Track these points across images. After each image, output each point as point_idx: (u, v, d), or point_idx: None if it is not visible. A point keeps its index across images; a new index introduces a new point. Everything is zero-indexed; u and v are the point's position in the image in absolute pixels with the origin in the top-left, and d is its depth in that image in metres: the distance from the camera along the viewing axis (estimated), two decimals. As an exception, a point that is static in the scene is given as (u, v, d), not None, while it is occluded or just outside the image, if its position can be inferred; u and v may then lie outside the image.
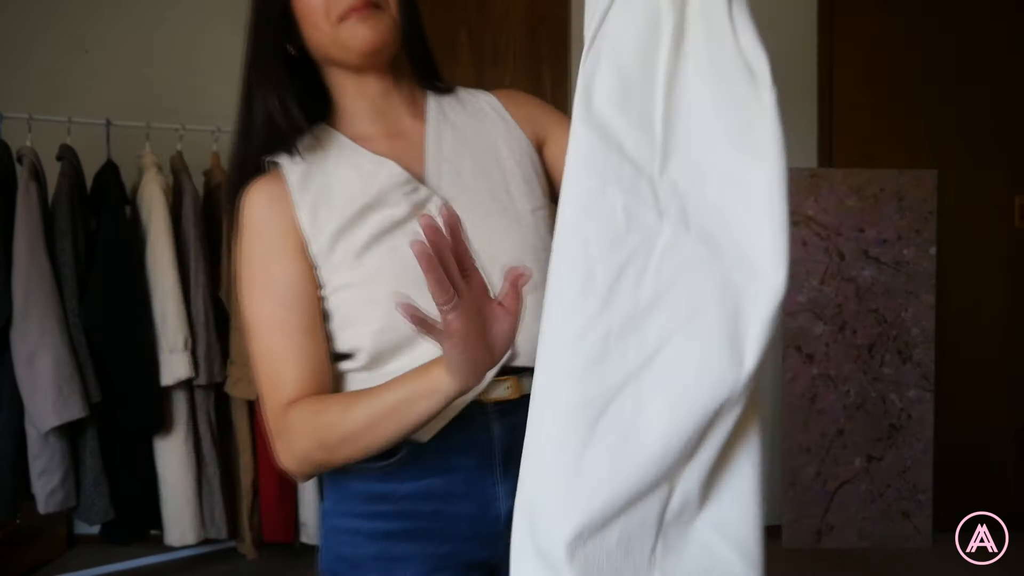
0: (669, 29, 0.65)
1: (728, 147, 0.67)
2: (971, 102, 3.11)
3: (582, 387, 0.63)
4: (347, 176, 0.84)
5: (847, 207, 3.01)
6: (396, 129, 0.89)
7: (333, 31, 0.81)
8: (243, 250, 0.85)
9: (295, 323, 0.81)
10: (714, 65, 0.66)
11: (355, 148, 0.86)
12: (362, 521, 0.84)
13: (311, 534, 2.57)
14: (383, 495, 0.82)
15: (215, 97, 2.98)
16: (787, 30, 3.08)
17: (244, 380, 2.37)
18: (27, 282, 2.09)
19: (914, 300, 3.01)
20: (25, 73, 2.93)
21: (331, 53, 0.84)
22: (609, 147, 0.66)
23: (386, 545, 0.82)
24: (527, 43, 3.07)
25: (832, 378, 3.01)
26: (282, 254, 0.82)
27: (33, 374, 2.08)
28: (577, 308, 0.64)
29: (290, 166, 0.85)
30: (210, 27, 2.98)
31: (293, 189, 0.84)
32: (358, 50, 0.82)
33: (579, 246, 0.64)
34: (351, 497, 0.85)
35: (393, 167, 0.84)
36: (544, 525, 0.64)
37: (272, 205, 0.84)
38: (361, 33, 0.80)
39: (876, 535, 3.02)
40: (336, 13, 0.80)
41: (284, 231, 0.83)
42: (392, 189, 0.83)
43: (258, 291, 0.83)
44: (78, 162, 2.29)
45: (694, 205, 0.67)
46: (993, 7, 3.10)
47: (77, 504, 2.24)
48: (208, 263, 2.39)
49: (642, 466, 0.64)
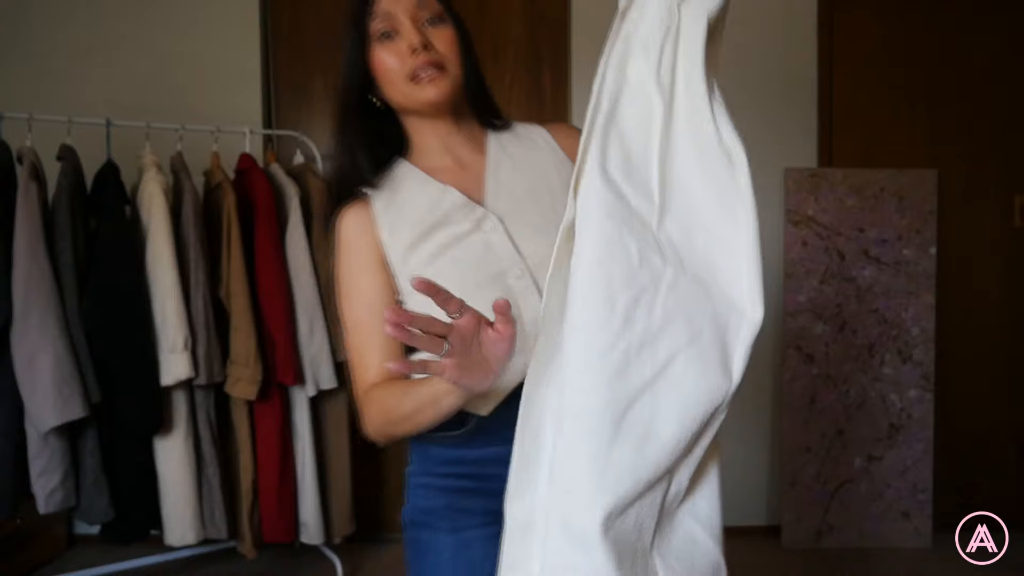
0: (659, 122, 0.85)
1: (712, 213, 0.86)
2: (971, 102, 3.11)
3: (609, 393, 0.79)
4: (418, 201, 1.04)
5: (847, 207, 3.01)
6: (461, 161, 1.08)
7: (406, 89, 1.02)
8: (339, 264, 1.05)
9: (378, 325, 0.99)
10: (699, 150, 0.86)
11: (425, 178, 1.06)
12: (438, 479, 1.05)
13: (311, 534, 2.57)
14: (456, 459, 1.03)
15: (215, 97, 2.99)
16: (787, 30, 3.08)
17: (244, 380, 2.37)
18: (27, 282, 2.09)
19: (914, 300, 3.01)
20: (25, 73, 2.93)
21: (404, 105, 1.05)
22: (622, 203, 0.83)
23: (454, 498, 1.03)
24: (527, 43, 3.07)
25: (832, 378, 3.01)
26: (368, 267, 1.03)
27: (33, 374, 2.08)
28: (603, 328, 0.80)
29: (376, 194, 1.05)
30: (210, 27, 2.99)
31: (377, 213, 1.04)
32: (425, 104, 1.02)
33: (603, 278, 0.81)
34: (430, 460, 1.06)
35: (455, 193, 1.04)
36: (577, 509, 0.78)
37: (360, 227, 1.04)
38: (427, 92, 1.01)
39: (876, 535, 3.02)
40: (407, 75, 1.01)
41: (370, 248, 1.03)
42: (454, 211, 1.02)
43: (351, 300, 1.04)
44: (78, 162, 2.29)
45: (686, 255, 0.85)
46: (993, 7, 3.10)
47: (77, 504, 2.23)
48: (208, 263, 2.39)
49: (657, 459, 0.81)
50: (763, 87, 3.06)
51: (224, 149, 2.65)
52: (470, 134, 1.10)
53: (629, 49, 0.88)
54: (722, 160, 0.87)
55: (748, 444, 3.12)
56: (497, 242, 1.01)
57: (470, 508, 1.02)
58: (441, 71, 1.01)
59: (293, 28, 3.05)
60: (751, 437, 3.12)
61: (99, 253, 2.22)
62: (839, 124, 3.10)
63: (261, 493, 2.49)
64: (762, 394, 3.11)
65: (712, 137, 0.87)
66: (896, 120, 3.10)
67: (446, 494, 1.04)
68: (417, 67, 1.00)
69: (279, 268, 2.45)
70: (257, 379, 2.37)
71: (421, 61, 1.00)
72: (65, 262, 2.17)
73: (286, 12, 3.05)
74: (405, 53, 1.00)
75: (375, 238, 1.03)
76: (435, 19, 1.02)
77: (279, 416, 2.49)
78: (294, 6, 3.05)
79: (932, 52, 3.10)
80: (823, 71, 3.08)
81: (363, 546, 3.04)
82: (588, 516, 0.77)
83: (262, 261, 2.43)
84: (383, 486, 3.11)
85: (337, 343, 2.58)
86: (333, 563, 2.77)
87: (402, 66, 1.01)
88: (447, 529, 1.03)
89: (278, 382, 2.46)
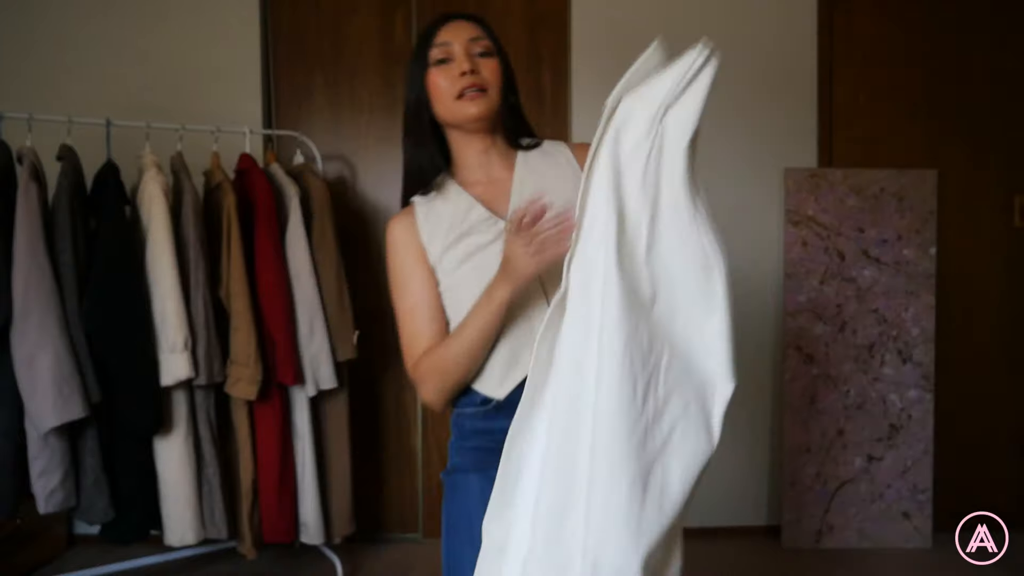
0: (645, 228, 1.03)
1: (690, 301, 1.05)
2: (971, 102, 3.11)
3: (636, 464, 1.00)
4: (451, 212, 1.26)
5: (847, 207, 3.01)
6: (491, 176, 1.29)
7: (452, 105, 1.23)
8: (391, 262, 1.29)
9: (424, 311, 1.25)
10: (683, 250, 1.03)
11: (460, 191, 1.28)
12: (473, 442, 1.28)
13: (311, 534, 2.57)
14: (484, 430, 1.25)
15: (215, 97, 2.99)
16: (787, 30, 3.08)
17: (244, 380, 2.37)
18: (27, 282, 2.09)
19: (914, 300, 3.01)
20: (25, 73, 2.93)
21: (449, 119, 1.25)
22: (634, 296, 1.02)
23: (487, 456, 1.21)
24: (527, 43, 3.07)
25: (832, 378, 3.01)
26: (414, 264, 1.26)
27: (33, 374, 2.08)
28: (628, 413, 1.00)
29: (420, 203, 1.28)
30: (210, 27, 2.99)
31: (420, 220, 1.27)
32: (467, 118, 1.23)
33: (628, 363, 1.00)
34: (464, 431, 1.29)
35: (480, 208, 1.25)
36: (617, 557, 0.99)
37: (407, 230, 1.27)
38: (469, 108, 1.22)
39: (876, 535, 3.02)
40: (453, 95, 1.22)
41: (415, 249, 1.26)
42: (479, 223, 1.24)
43: (402, 291, 1.27)
44: (78, 162, 2.29)
45: (671, 336, 1.04)
46: (993, 6, 3.10)
47: (77, 504, 2.23)
48: (208, 263, 2.39)
49: (672, 513, 1.03)
50: (763, 87, 3.06)
51: (224, 149, 2.65)
52: (502, 152, 1.30)
53: (618, 159, 1.04)
54: (701, 260, 1.04)
55: (748, 444, 3.12)
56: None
57: (494, 464, 1.18)
58: (483, 93, 1.22)
59: (293, 28, 3.05)
60: (751, 437, 3.12)
61: (99, 253, 2.22)
62: (839, 124, 3.10)
63: (261, 493, 2.49)
64: (762, 394, 3.11)
65: (695, 241, 1.04)
66: (896, 120, 3.10)
67: (475, 454, 1.28)
68: (464, 87, 1.21)
69: (279, 268, 2.45)
70: (257, 379, 2.37)
71: (467, 83, 1.21)
72: (65, 262, 2.17)
73: (286, 12, 3.05)
74: (455, 76, 1.22)
75: (419, 241, 1.26)
76: (485, 52, 1.24)
77: (279, 416, 2.49)
78: (294, 6, 3.05)
79: (932, 52, 3.10)
80: (823, 71, 3.08)
81: (363, 546, 3.04)
82: (631, 561, 0.99)
83: (262, 261, 2.43)
84: (383, 486, 3.11)
85: (337, 343, 2.58)
86: (333, 563, 2.77)
87: (451, 86, 1.22)
88: (476, 471, 1.26)
89: (278, 382, 2.46)
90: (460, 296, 1.22)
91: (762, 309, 3.09)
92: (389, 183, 3.07)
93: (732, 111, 3.06)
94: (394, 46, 3.06)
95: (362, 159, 3.08)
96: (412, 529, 3.13)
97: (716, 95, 1.08)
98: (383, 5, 3.05)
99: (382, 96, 3.06)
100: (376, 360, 3.05)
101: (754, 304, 3.09)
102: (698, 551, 2.96)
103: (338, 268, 2.62)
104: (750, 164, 3.07)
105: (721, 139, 3.07)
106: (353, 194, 3.08)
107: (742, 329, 3.32)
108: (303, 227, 2.53)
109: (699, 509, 3.13)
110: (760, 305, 3.09)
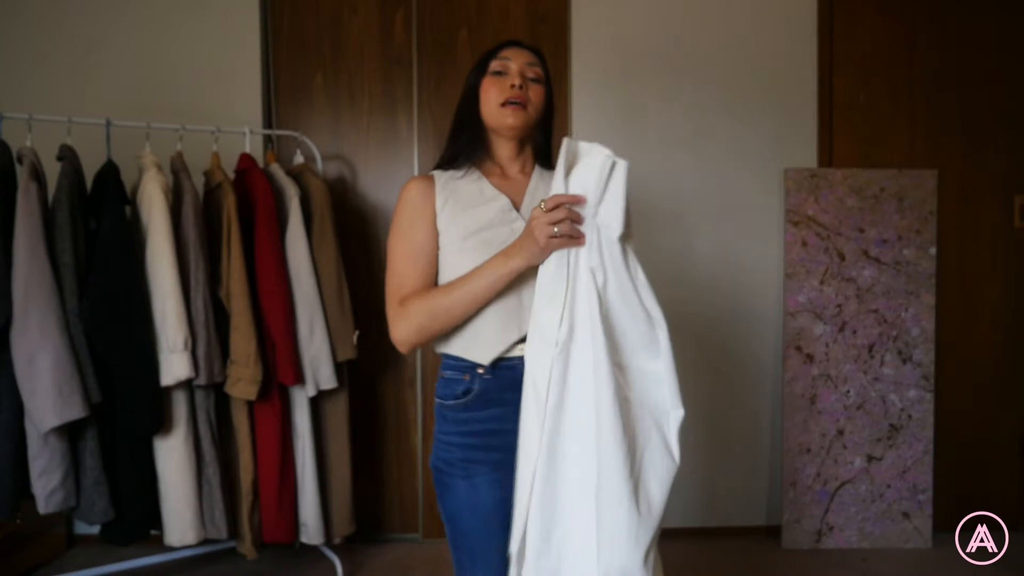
0: (596, 297, 1.28)
1: (642, 346, 1.33)
2: (971, 102, 3.11)
3: (628, 485, 1.26)
4: (472, 190, 1.44)
5: (847, 207, 3.01)
6: (508, 176, 1.49)
7: (496, 111, 1.43)
8: (400, 209, 1.43)
9: (420, 258, 1.40)
10: (627, 308, 1.31)
11: (485, 180, 1.46)
12: (454, 437, 1.41)
13: (311, 534, 2.57)
14: (466, 420, 1.40)
15: (215, 97, 2.99)
16: (787, 30, 3.08)
17: (244, 380, 2.37)
18: (27, 282, 2.09)
19: (914, 300, 3.01)
20: (25, 73, 2.93)
21: (490, 123, 1.45)
22: (610, 344, 1.31)
23: (467, 452, 1.39)
24: (527, 43, 3.06)
25: (832, 378, 3.01)
26: (422, 221, 1.41)
27: (33, 374, 2.08)
28: (624, 439, 1.26)
29: (440, 175, 1.46)
30: (210, 27, 2.99)
31: (438, 187, 1.43)
32: (504, 126, 1.43)
33: (620, 399, 1.28)
34: (448, 422, 1.42)
35: (504, 199, 1.43)
36: (625, 557, 1.25)
37: (425, 191, 1.43)
38: (510, 118, 1.41)
39: (876, 535, 3.02)
40: (499, 102, 1.42)
41: (427, 208, 1.42)
42: (500, 210, 1.42)
43: (401, 238, 1.41)
44: (78, 162, 2.28)
45: (628, 377, 1.33)
46: (993, 7, 3.10)
47: (77, 504, 2.23)
48: (208, 263, 2.39)
49: (657, 517, 1.29)
50: (763, 87, 3.07)
51: (224, 149, 2.65)
52: (525, 161, 1.51)
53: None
54: (645, 317, 1.31)
55: (748, 444, 3.12)
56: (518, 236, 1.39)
57: (478, 459, 1.39)
58: (524, 108, 1.42)
59: (293, 28, 3.05)
60: (751, 437, 3.12)
61: (99, 253, 2.22)
62: (839, 124, 3.10)
63: (261, 493, 2.49)
64: (762, 394, 3.11)
65: (637, 304, 1.31)
66: (896, 120, 3.10)
67: (461, 449, 1.40)
68: (509, 97, 1.41)
69: (279, 268, 2.45)
70: (257, 379, 2.37)
71: (513, 94, 1.41)
72: (65, 262, 2.17)
73: (286, 12, 3.05)
74: (505, 87, 1.42)
75: (433, 203, 1.42)
76: (536, 79, 1.45)
77: (279, 416, 2.49)
78: (294, 6, 3.05)
79: (932, 52, 3.10)
80: (823, 71, 3.08)
81: (363, 546, 3.04)
82: (635, 558, 1.26)
83: (262, 261, 2.43)
84: (383, 486, 3.11)
85: (337, 343, 2.58)
86: (333, 563, 2.77)
87: (499, 95, 1.42)
88: (461, 476, 1.40)
89: (278, 382, 2.46)
90: (459, 260, 1.38)
91: (762, 309, 3.09)
92: (389, 183, 3.07)
93: (732, 111, 3.06)
94: (394, 46, 3.06)
95: (362, 159, 3.08)
96: (412, 529, 3.13)
97: (716, 95, 1.09)
98: (383, 5, 3.05)
99: (382, 96, 3.06)
100: (376, 360, 3.05)
101: (754, 304, 3.09)
102: (698, 551, 2.98)
103: (338, 268, 2.62)
104: (750, 164, 3.08)
105: (721, 139, 3.07)
106: (353, 194, 3.08)
107: (743, 329, 3.31)
108: (303, 227, 2.53)
109: (700, 509, 3.14)
110: (760, 305, 3.09)
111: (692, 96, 3.06)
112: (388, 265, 1.43)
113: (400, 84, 3.06)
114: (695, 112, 3.06)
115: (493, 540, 1.37)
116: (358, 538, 3.02)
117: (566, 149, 1.32)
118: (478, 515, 1.38)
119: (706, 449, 3.12)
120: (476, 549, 1.39)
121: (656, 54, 3.06)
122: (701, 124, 3.07)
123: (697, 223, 3.08)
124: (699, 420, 3.10)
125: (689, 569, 2.83)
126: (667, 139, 3.06)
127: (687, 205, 3.07)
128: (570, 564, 1.27)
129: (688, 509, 3.12)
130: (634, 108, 3.05)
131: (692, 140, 3.06)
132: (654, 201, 3.06)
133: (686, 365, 3.10)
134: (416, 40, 3.05)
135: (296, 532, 2.57)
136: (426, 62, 3.05)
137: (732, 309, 3.08)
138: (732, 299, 3.08)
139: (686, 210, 3.07)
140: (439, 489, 1.44)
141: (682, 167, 3.07)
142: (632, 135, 3.05)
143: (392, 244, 1.43)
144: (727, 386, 3.08)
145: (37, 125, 2.31)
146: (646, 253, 3.03)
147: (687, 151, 3.07)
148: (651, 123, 3.06)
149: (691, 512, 3.13)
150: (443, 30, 3.05)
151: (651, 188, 3.06)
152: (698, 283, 3.06)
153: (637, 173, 3.34)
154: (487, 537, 1.37)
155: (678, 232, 3.07)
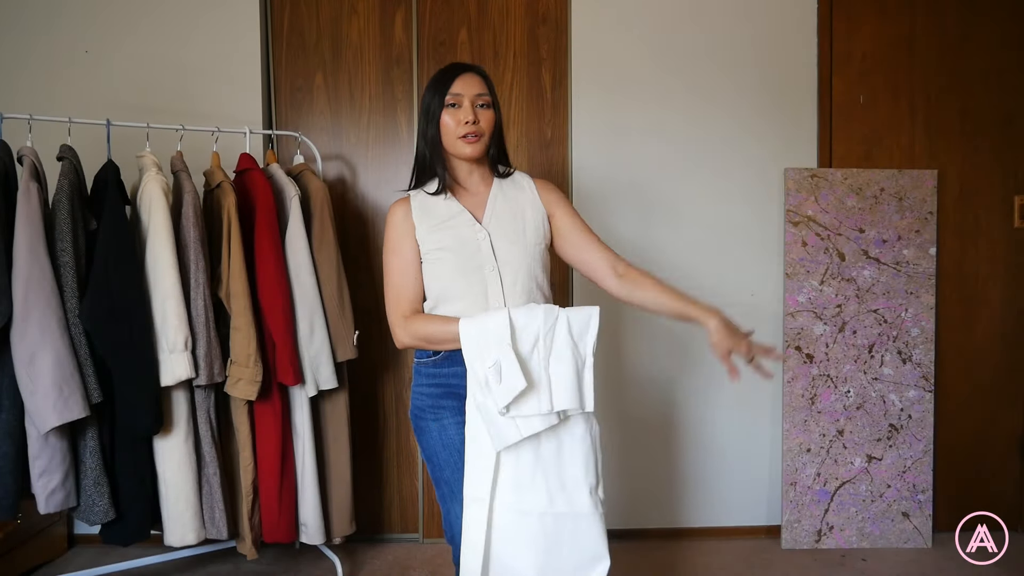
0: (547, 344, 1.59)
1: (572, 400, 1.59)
2: (971, 102, 3.11)
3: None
4: (441, 207, 1.72)
5: (847, 207, 3.01)
6: (471, 191, 1.76)
7: (455, 143, 1.68)
8: (389, 231, 1.72)
9: (410, 271, 1.70)
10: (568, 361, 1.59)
11: (451, 198, 1.73)
12: (425, 388, 1.71)
13: (311, 534, 2.57)
14: (435, 374, 1.69)
15: (215, 97, 2.99)
16: (787, 30, 3.08)
17: (244, 380, 2.37)
18: (27, 282, 2.09)
19: (914, 300, 3.01)
20: (25, 73, 2.93)
21: (450, 150, 1.71)
22: None
23: (436, 400, 1.69)
24: (527, 43, 3.07)
25: (832, 378, 3.02)
26: (407, 237, 1.70)
27: (33, 374, 2.08)
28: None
29: (415, 197, 1.74)
30: (211, 27, 2.99)
31: (415, 208, 1.72)
32: (464, 156, 1.70)
33: None
34: (421, 376, 1.72)
35: (467, 213, 1.71)
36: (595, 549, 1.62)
37: (406, 213, 1.72)
38: (466, 150, 1.68)
39: (876, 535, 3.02)
40: (457, 136, 1.67)
41: (408, 227, 1.70)
42: (463, 223, 1.70)
43: (395, 256, 1.71)
44: (78, 162, 2.28)
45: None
46: (993, 7, 3.10)
47: (77, 504, 2.23)
48: (208, 263, 2.39)
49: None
50: (763, 87, 3.07)
51: (224, 149, 2.65)
52: (484, 175, 1.78)
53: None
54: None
55: (748, 444, 3.12)
56: (483, 246, 1.68)
57: (445, 405, 1.68)
58: (479, 138, 1.67)
59: (293, 28, 3.05)
60: (751, 437, 3.12)
61: (99, 253, 2.21)
62: (839, 124, 3.10)
63: (261, 493, 2.49)
64: (762, 394, 3.11)
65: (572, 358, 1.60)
66: (896, 120, 3.10)
67: (431, 397, 1.70)
68: (466, 132, 1.66)
69: (279, 268, 2.45)
70: (257, 379, 2.37)
71: (469, 130, 1.66)
72: (65, 262, 2.17)
73: (286, 12, 3.05)
74: (461, 121, 1.66)
75: (412, 221, 1.70)
76: (484, 104, 1.69)
77: (279, 416, 2.49)
78: (294, 6, 3.05)
79: (932, 52, 3.10)
80: (823, 71, 3.08)
81: (363, 546, 3.04)
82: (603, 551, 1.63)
83: (262, 261, 2.43)
84: (383, 486, 3.11)
85: (337, 343, 2.58)
86: (333, 563, 2.77)
87: (456, 128, 1.67)
88: (432, 419, 1.70)
89: (278, 382, 2.46)
90: (435, 268, 1.68)
91: (762, 309, 3.09)
92: (389, 183, 3.07)
93: (732, 111, 3.06)
94: (394, 46, 3.06)
95: (362, 159, 3.08)
96: (412, 529, 3.13)
97: (716, 95, 1.08)
98: (383, 5, 3.05)
99: (382, 96, 3.06)
100: (376, 360, 3.05)
101: (754, 304, 3.09)
102: (698, 551, 2.98)
103: (338, 268, 2.62)
104: (750, 164, 3.08)
105: (721, 138, 3.07)
106: (353, 194, 3.08)
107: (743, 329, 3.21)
108: (303, 227, 2.53)
109: (700, 509, 3.14)
110: (760, 305, 3.09)
111: (692, 96, 3.06)
112: (385, 278, 1.72)
113: (400, 84, 3.06)
114: (695, 112, 3.06)
115: (463, 472, 1.63)
116: (358, 538, 3.02)
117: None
118: (448, 449, 1.67)
119: (706, 449, 3.12)
120: (453, 481, 1.66)
121: (656, 54, 3.06)
122: (701, 124, 3.07)
123: (697, 223, 3.08)
124: (699, 420, 3.10)
125: (690, 569, 2.83)
126: (667, 139, 3.06)
127: (687, 205, 3.07)
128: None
129: (688, 509, 3.13)
130: (634, 108, 3.05)
131: (692, 140, 3.07)
132: (654, 200, 3.06)
133: (686, 365, 3.11)
134: (416, 40, 3.05)
135: (296, 532, 2.57)
136: (426, 62, 3.05)
137: (732, 309, 3.08)
138: (732, 299, 3.08)
139: (686, 210, 3.07)
140: (417, 434, 1.73)
141: (682, 167, 3.07)
142: (632, 135, 3.05)
143: (387, 259, 1.72)
144: (727, 386, 3.08)
145: (37, 125, 2.31)
146: (646, 252, 3.04)
147: (687, 151, 3.07)
148: (651, 123, 3.06)
149: (691, 512, 3.13)
150: (443, 30, 3.05)
151: (650, 188, 3.06)
152: (698, 283, 3.06)
153: (637, 173, 3.32)
154: (460, 469, 1.64)
155: (678, 232, 3.07)
